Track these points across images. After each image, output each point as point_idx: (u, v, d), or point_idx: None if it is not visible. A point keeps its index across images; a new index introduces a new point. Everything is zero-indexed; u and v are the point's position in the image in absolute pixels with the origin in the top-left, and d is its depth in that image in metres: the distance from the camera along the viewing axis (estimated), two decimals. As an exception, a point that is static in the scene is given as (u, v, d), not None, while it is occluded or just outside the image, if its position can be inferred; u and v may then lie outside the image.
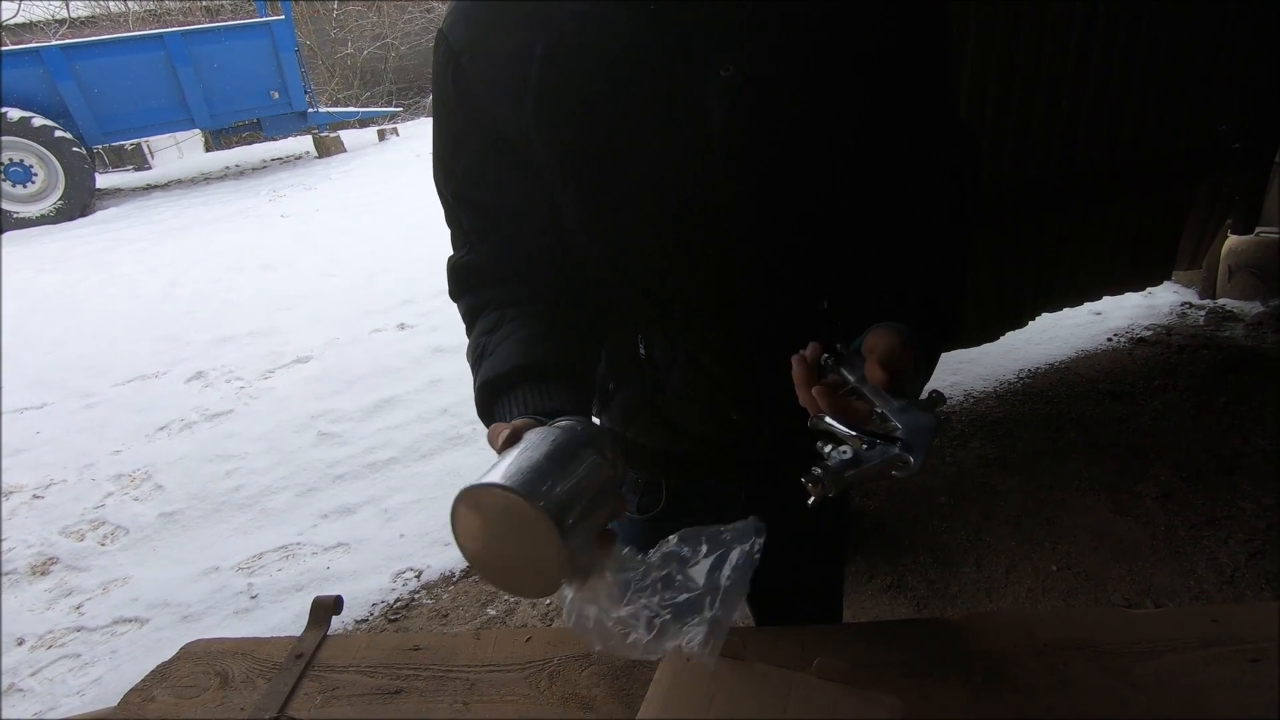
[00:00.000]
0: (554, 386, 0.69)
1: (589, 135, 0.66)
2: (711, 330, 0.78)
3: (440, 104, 0.71)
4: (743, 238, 0.71)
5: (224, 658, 0.96)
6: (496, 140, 0.69)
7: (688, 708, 0.65)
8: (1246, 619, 0.87)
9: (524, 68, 0.63)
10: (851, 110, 0.68)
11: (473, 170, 0.73)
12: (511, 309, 0.75)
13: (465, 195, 0.75)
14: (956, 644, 0.88)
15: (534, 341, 0.72)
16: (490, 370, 0.71)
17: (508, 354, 0.71)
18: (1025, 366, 3.18)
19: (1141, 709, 0.77)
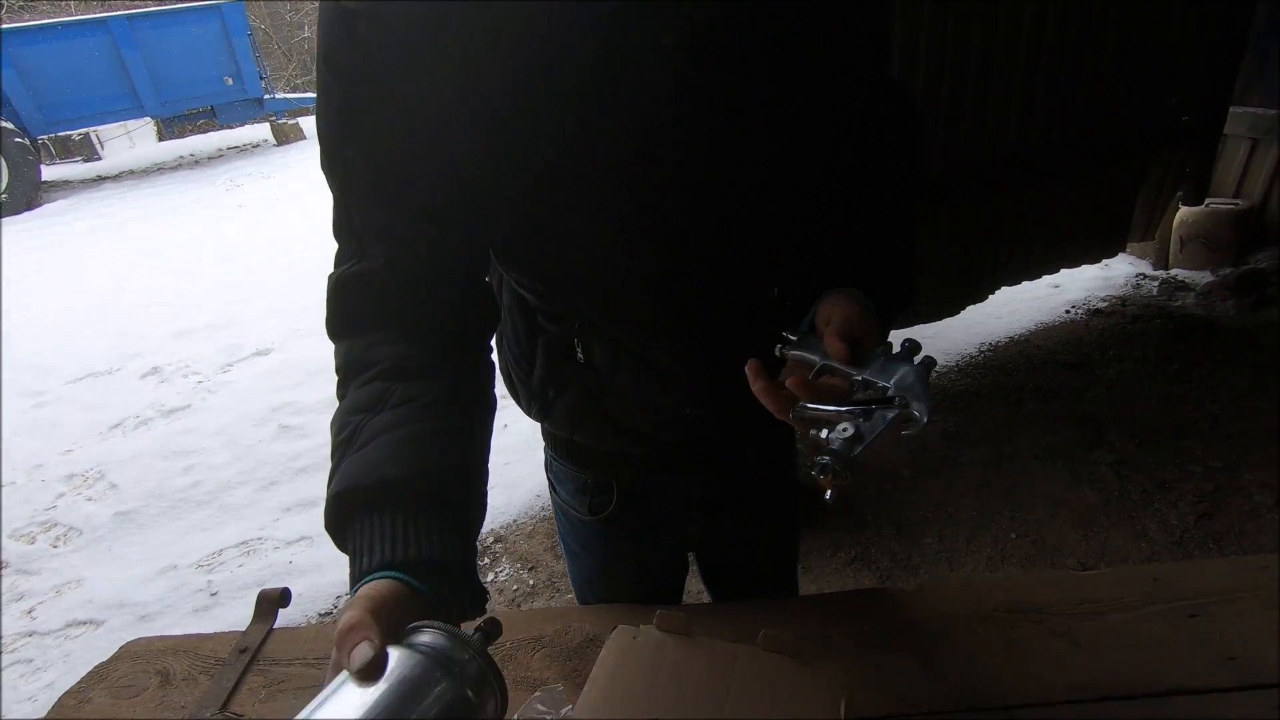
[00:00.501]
0: (436, 526, 0.54)
1: (519, 109, 0.57)
2: (661, 323, 0.73)
3: (330, 75, 0.58)
4: (691, 218, 0.66)
5: (165, 655, 0.93)
6: (402, 118, 0.58)
7: (633, 682, 0.64)
8: (1186, 576, 0.89)
9: (440, 32, 0.54)
10: (797, 79, 0.65)
11: (370, 153, 0.59)
12: (401, 387, 0.59)
13: (359, 186, 0.61)
14: (908, 613, 0.88)
15: (422, 447, 0.56)
16: (353, 476, 0.54)
17: (383, 457, 0.55)
18: (986, 340, 3.23)
19: (1085, 668, 0.78)
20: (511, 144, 0.59)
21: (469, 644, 0.48)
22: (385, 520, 0.53)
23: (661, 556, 0.98)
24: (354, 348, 0.63)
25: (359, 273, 0.63)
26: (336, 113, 0.59)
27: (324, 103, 0.60)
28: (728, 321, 0.75)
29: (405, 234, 0.62)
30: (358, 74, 0.57)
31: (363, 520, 0.53)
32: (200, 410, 3.46)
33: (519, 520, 2.47)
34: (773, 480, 0.97)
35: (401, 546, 0.51)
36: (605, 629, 0.89)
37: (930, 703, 0.76)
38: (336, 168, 0.62)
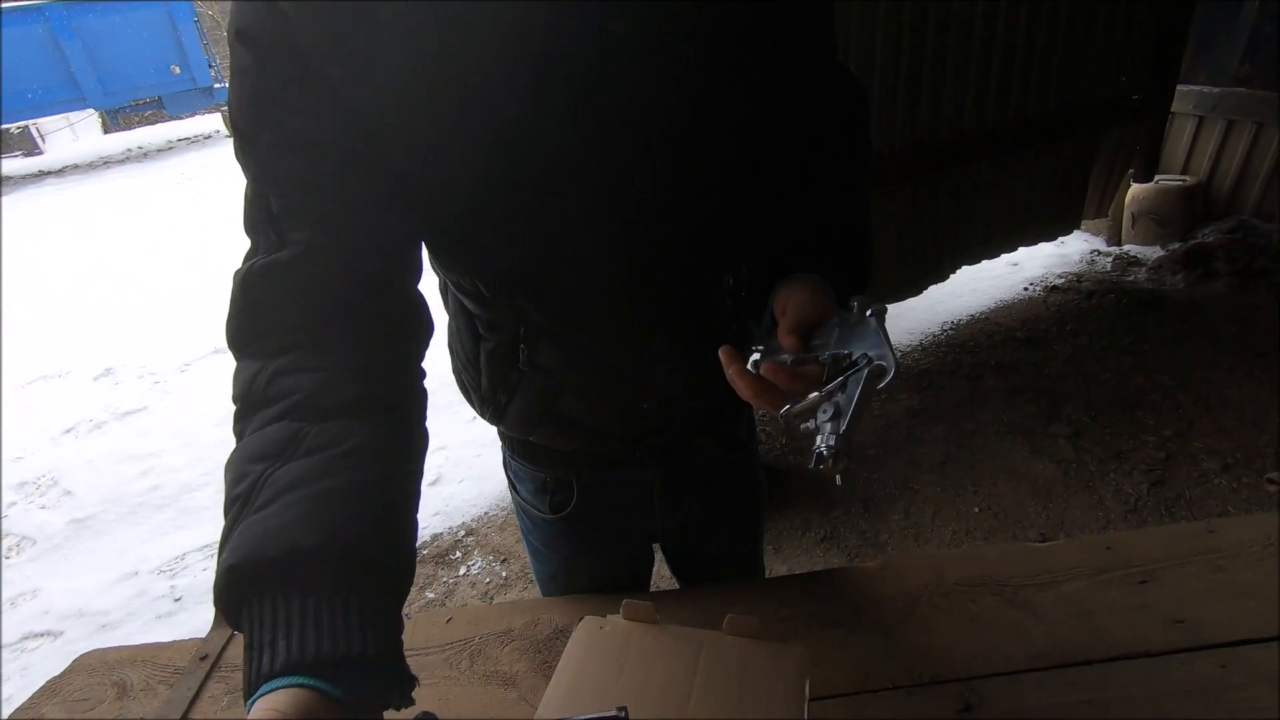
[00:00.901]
0: (351, 602, 0.44)
1: (457, 100, 0.54)
2: (613, 319, 0.71)
3: (247, 53, 0.53)
4: (642, 209, 0.64)
5: (121, 667, 0.91)
6: (329, 107, 0.53)
7: (600, 672, 0.64)
8: (1137, 544, 0.92)
9: (372, 20, 0.51)
10: (746, 65, 0.64)
11: (289, 138, 0.54)
12: (314, 432, 0.50)
13: (279, 171, 0.55)
14: (871, 591, 0.90)
15: (335, 502, 0.47)
16: (251, 545, 0.44)
17: (286, 523, 0.45)
18: (948, 318, 3.29)
19: (1042, 637, 0.81)
20: (453, 139, 0.56)
21: None
22: (293, 605, 0.43)
23: (625, 550, 0.98)
24: (258, 374, 0.53)
25: (273, 263, 0.55)
26: (252, 96, 0.54)
27: (239, 83, 0.54)
28: (681, 314, 0.74)
29: (331, 219, 0.55)
30: (279, 56, 0.53)
31: (262, 603, 0.43)
32: (157, 411, 3.36)
33: (490, 513, 2.46)
34: (734, 468, 0.97)
35: (313, 642, 0.42)
36: (574, 620, 0.88)
37: (893, 677, 0.78)
38: (252, 152, 0.55)
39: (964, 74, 2.58)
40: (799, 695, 0.60)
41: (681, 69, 0.60)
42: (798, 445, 2.57)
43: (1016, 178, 2.95)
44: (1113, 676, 0.76)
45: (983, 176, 2.84)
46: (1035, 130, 2.87)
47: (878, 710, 0.75)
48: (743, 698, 0.60)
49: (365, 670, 0.43)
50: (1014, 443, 2.44)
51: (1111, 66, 2.94)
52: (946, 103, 2.60)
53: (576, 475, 0.89)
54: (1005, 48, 2.61)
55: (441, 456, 2.78)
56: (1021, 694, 0.75)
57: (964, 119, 2.67)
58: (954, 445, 2.47)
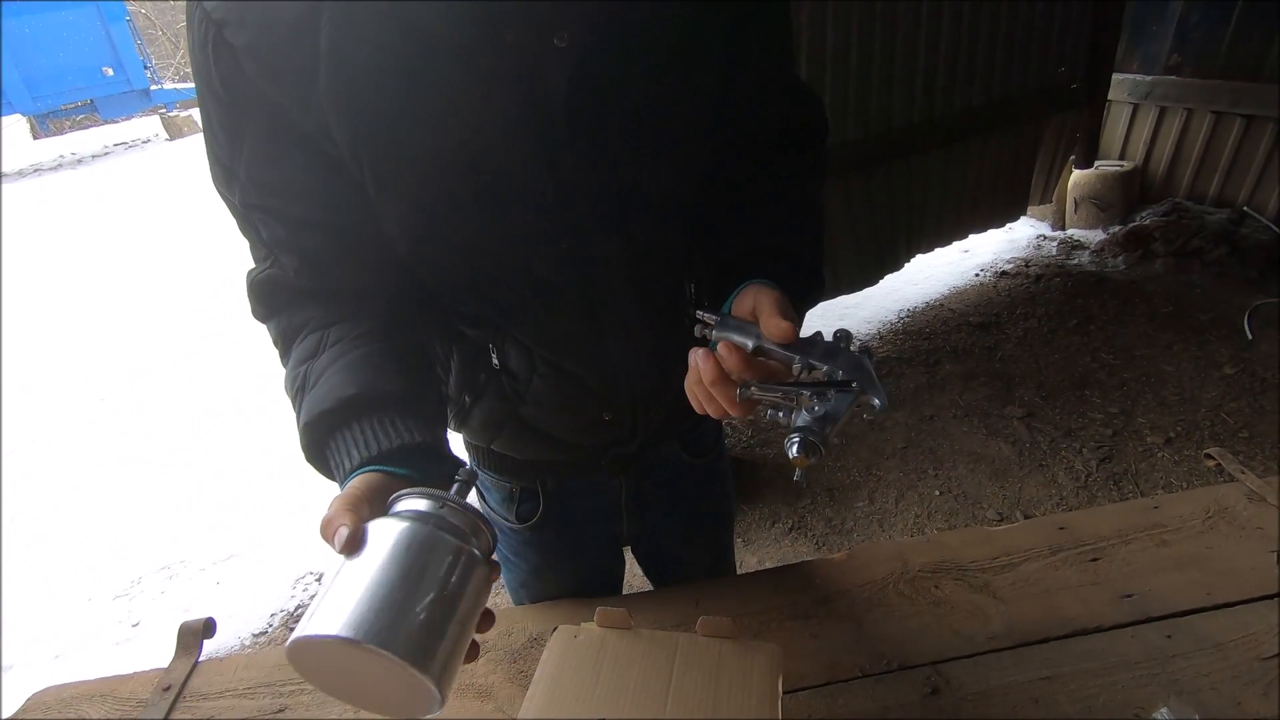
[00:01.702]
0: (397, 419, 0.58)
1: (401, 120, 0.55)
2: (573, 329, 0.71)
3: (205, 90, 0.56)
4: (597, 227, 0.64)
5: (79, 703, 0.87)
6: (281, 131, 0.56)
7: (576, 681, 0.65)
8: (1089, 522, 0.96)
9: (309, 38, 0.51)
10: (697, 80, 0.64)
11: (259, 170, 0.59)
12: (333, 329, 0.64)
13: (256, 202, 0.61)
14: (839, 582, 0.92)
15: (366, 365, 0.61)
16: (315, 406, 0.59)
17: (335, 384, 0.59)
18: (904, 306, 3.37)
19: (1001, 618, 0.84)
20: (401, 147, 0.57)
21: (443, 495, 0.51)
22: (353, 430, 0.58)
23: (595, 556, 0.98)
24: (283, 319, 0.67)
25: (272, 277, 0.65)
26: (221, 130, 0.58)
27: (206, 119, 0.59)
28: (640, 325, 0.74)
29: (310, 244, 0.62)
30: (229, 87, 0.55)
31: (335, 440, 0.58)
32: (105, 427, 3.23)
33: (459, 518, 2.43)
34: (702, 473, 0.97)
35: (373, 443, 0.56)
36: (548, 628, 0.89)
37: (862, 665, 0.80)
38: (233, 183, 0.61)
39: (911, 67, 2.64)
40: (772, 692, 0.61)
41: (629, 82, 0.60)
42: (764, 437, 2.60)
43: (965, 167, 3.04)
44: (1068, 651, 0.79)
45: (933, 166, 2.91)
46: (981, 120, 2.96)
47: (848, 699, 0.77)
48: (718, 698, 0.61)
49: (416, 457, 0.57)
50: (971, 425, 2.52)
51: (1050, 57, 3.04)
52: (896, 95, 2.66)
53: (542, 484, 0.89)
54: (950, 41, 2.68)
55: (406, 464, 2.74)
56: (985, 674, 0.78)
57: (913, 111, 2.74)
58: (914, 430, 2.53)
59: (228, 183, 0.61)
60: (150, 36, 10.67)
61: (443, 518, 0.50)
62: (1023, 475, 2.27)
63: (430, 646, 0.45)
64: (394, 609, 0.45)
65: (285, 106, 0.55)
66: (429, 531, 0.49)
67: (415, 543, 0.48)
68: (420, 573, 0.47)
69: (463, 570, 0.49)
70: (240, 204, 0.62)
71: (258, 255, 0.66)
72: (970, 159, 3.04)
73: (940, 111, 2.81)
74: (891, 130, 2.71)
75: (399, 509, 0.51)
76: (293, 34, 0.52)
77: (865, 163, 2.69)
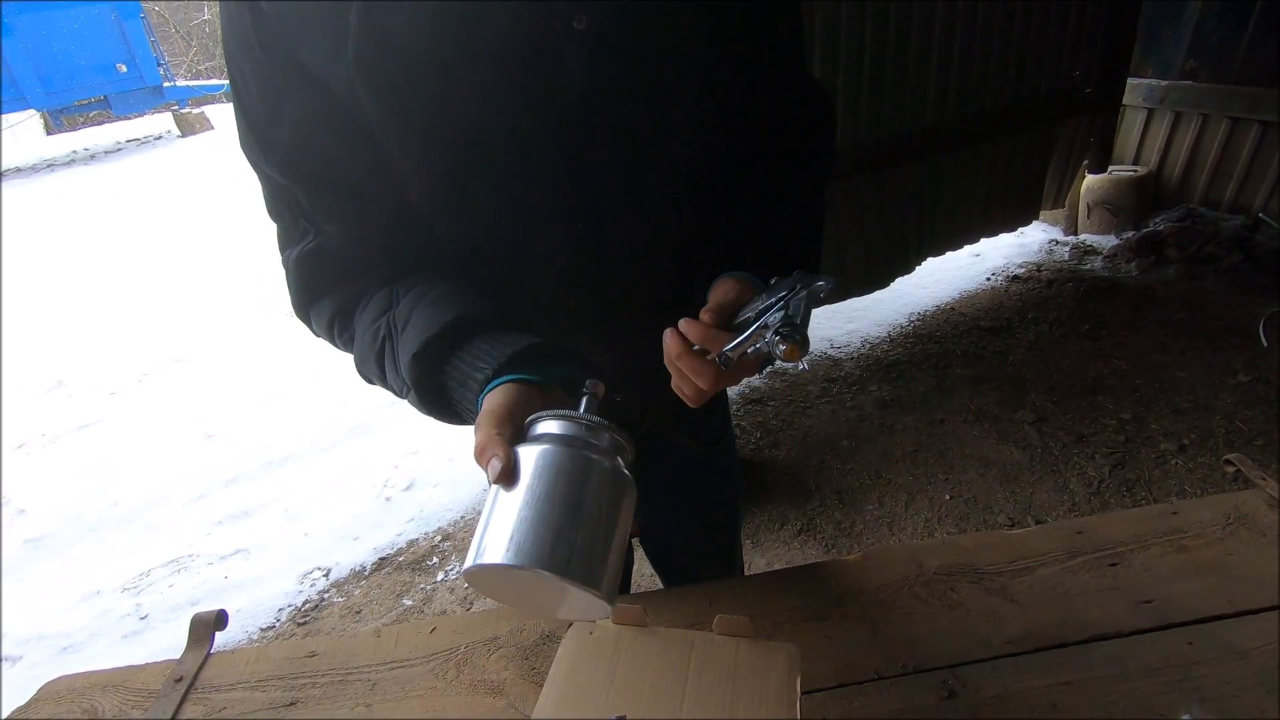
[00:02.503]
0: (508, 331, 0.59)
1: (421, 94, 0.56)
2: (583, 312, 0.72)
3: (242, 59, 0.57)
4: (609, 209, 0.65)
5: (92, 693, 0.88)
6: (320, 98, 0.57)
7: (592, 678, 0.64)
8: (1107, 527, 0.95)
9: (341, 8, 0.53)
10: (712, 69, 0.65)
11: (300, 135, 0.59)
12: (400, 282, 0.63)
13: (296, 168, 0.61)
14: (854, 583, 0.91)
15: (455, 294, 0.60)
16: (418, 338, 0.58)
17: (432, 315, 0.59)
18: (915, 310, 3.35)
19: (1019, 622, 0.83)
20: (421, 121, 0.58)
21: (584, 418, 0.53)
22: (471, 347, 0.57)
23: None
24: (336, 295, 0.66)
25: (315, 250, 0.64)
26: (260, 98, 0.58)
27: (241, 91, 0.59)
28: (650, 308, 0.74)
29: (356, 211, 0.62)
30: (269, 54, 0.56)
31: (451, 364, 0.58)
32: (114, 424, 3.25)
33: (466, 517, 2.43)
34: (709, 463, 0.97)
35: (497, 354, 0.56)
36: (560, 626, 0.88)
37: (877, 668, 0.79)
38: (273, 151, 0.60)
39: (925, 70, 2.63)
40: (791, 694, 0.61)
41: (645, 67, 0.60)
42: (774, 439, 2.59)
43: (977, 170, 3.02)
44: (1087, 657, 0.78)
45: (945, 169, 2.89)
46: (994, 124, 2.94)
47: (864, 701, 0.76)
48: (735, 698, 0.60)
49: (540, 360, 0.57)
50: (982, 430, 2.50)
51: (1065, 61, 3.02)
52: (909, 98, 2.65)
53: None
54: (964, 44, 2.67)
55: (415, 461, 2.74)
56: (1002, 679, 0.77)
57: (926, 113, 2.72)
58: (924, 434, 2.52)
59: (265, 154, 0.61)
60: (163, 34, 10.74)
61: (587, 440, 0.52)
62: (1034, 480, 2.25)
63: (595, 564, 0.48)
64: (558, 534, 0.47)
65: (321, 75, 0.56)
66: (578, 455, 0.50)
67: (568, 468, 0.50)
68: (578, 497, 0.49)
69: (613, 489, 0.51)
70: (279, 173, 0.61)
71: (294, 233, 0.65)
72: (982, 162, 3.02)
73: (953, 114, 2.79)
74: (903, 133, 2.70)
75: (543, 431, 0.52)
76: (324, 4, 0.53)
77: (877, 165, 2.68)
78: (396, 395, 0.65)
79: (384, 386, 0.66)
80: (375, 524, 2.44)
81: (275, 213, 0.66)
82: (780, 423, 2.69)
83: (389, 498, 2.57)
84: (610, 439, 0.53)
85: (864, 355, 3.06)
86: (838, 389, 2.85)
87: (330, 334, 0.69)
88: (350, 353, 0.68)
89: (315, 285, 0.67)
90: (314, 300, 0.68)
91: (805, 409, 2.75)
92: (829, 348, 3.13)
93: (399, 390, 0.63)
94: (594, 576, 0.48)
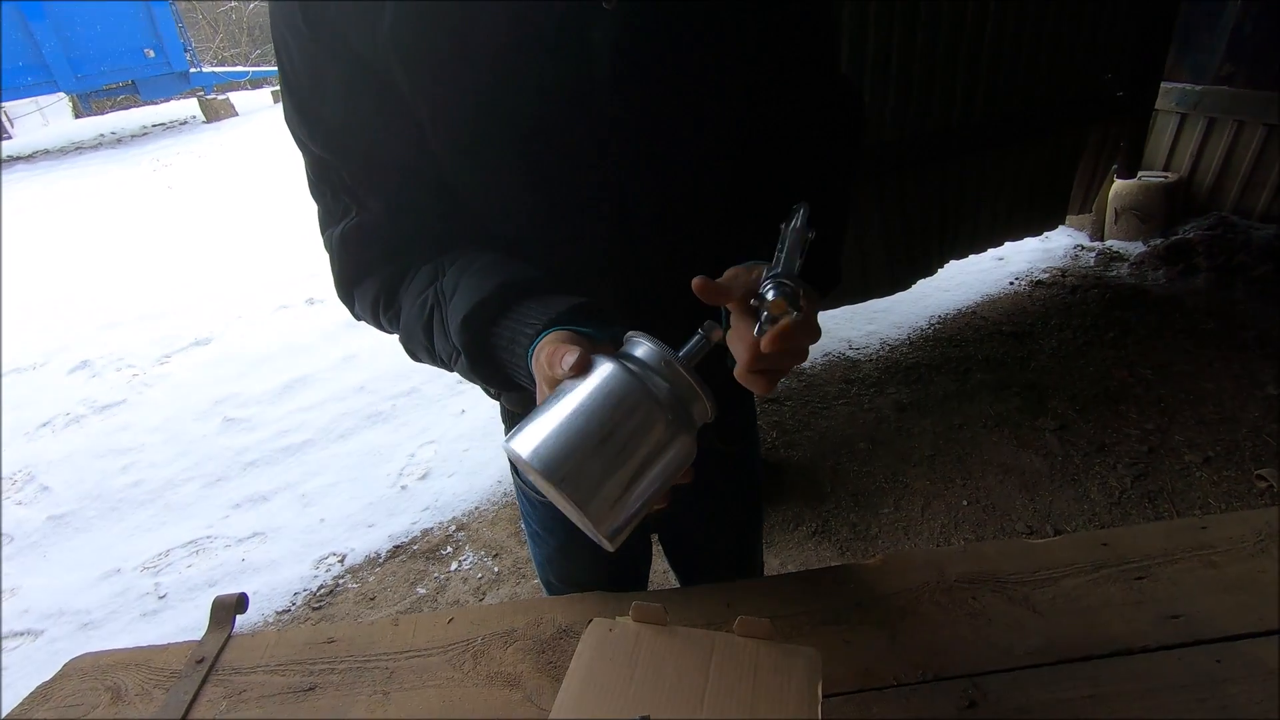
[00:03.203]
0: (557, 295, 0.58)
1: (452, 71, 0.57)
2: (609, 291, 0.72)
3: (289, 37, 0.59)
4: (634, 189, 0.66)
5: (115, 670, 0.89)
6: (361, 75, 0.59)
7: (611, 675, 0.64)
8: (1133, 540, 0.94)
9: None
10: (739, 54, 0.65)
11: (343, 111, 0.61)
12: (445, 256, 0.64)
13: (338, 144, 0.62)
14: (873, 588, 0.90)
15: (502, 262, 0.61)
16: (468, 302, 0.58)
17: (479, 282, 0.59)
18: (935, 313, 3.31)
19: (1041, 632, 0.82)
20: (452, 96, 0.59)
21: (668, 354, 0.52)
22: (521, 309, 0.57)
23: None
24: (382, 273, 0.67)
25: (359, 226, 0.65)
26: (304, 74, 0.60)
27: (287, 67, 0.60)
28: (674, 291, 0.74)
29: (399, 188, 0.64)
30: (315, 30, 0.57)
31: (500, 325, 0.58)
32: (137, 405, 3.30)
33: (481, 508, 2.44)
34: (731, 460, 0.97)
35: (547, 312, 0.56)
36: (577, 620, 0.88)
37: (897, 674, 0.78)
38: (317, 129, 0.62)
39: (952, 70, 2.59)
40: (812, 697, 0.60)
41: (671, 47, 0.61)
42: (789, 439, 2.58)
43: (1003, 173, 2.98)
44: (1111, 671, 0.77)
45: (970, 172, 2.86)
46: (1022, 126, 2.89)
47: (883, 708, 0.75)
48: (756, 701, 0.60)
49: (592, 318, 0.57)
50: (1001, 436, 2.47)
51: (1097, 64, 2.97)
52: (935, 98, 2.61)
53: None
54: (993, 44, 2.63)
55: (431, 450, 2.76)
56: (1024, 690, 0.76)
57: (952, 114, 2.69)
58: (943, 439, 2.49)
59: (310, 130, 0.62)
60: (190, 20, 10.85)
61: (656, 380, 0.51)
62: (1054, 489, 2.23)
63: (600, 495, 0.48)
64: (578, 452, 0.47)
65: (363, 51, 0.57)
66: (638, 391, 0.49)
67: (620, 396, 0.49)
68: (612, 427, 0.48)
69: (658, 437, 0.50)
70: (324, 149, 0.63)
71: (335, 211, 0.66)
72: (1009, 165, 2.97)
73: (980, 115, 2.75)
74: (929, 133, 2.67)
75: (625, 351, 0.53)
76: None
77: (902, 165, 2.65)
78: (444, 367, 0.65)
79: (430, 360, 0.66)
80: (390, 512, 2.46)
81: (318, 191, 0.67)
82: (796, 423, 2.67)
83: (404, 486, 2.58)
84: (684, 388, 0.52)
85: (883, 357, 3.04)
86: (855, 390, 2.83)
87: (375, 312, 0.69)
88: (395, 330, 0.68)
89: (360, 263, 0.67)
90: (359, 279, 0.68)
91: (822, 410, 2.73)
92: (847, 348, 3.10)
93: (447, 359, 0.63)
94: (594, 504, 0.48)
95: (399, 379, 3.25)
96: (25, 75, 8.31)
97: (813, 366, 3.00)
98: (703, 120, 0.65)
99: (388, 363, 3.40)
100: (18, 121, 10.19)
